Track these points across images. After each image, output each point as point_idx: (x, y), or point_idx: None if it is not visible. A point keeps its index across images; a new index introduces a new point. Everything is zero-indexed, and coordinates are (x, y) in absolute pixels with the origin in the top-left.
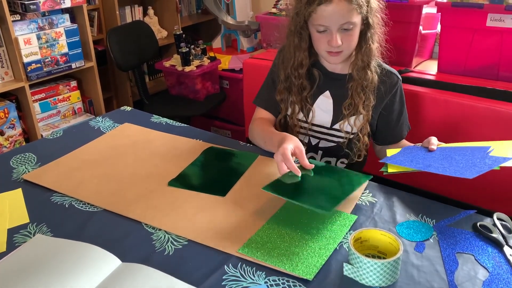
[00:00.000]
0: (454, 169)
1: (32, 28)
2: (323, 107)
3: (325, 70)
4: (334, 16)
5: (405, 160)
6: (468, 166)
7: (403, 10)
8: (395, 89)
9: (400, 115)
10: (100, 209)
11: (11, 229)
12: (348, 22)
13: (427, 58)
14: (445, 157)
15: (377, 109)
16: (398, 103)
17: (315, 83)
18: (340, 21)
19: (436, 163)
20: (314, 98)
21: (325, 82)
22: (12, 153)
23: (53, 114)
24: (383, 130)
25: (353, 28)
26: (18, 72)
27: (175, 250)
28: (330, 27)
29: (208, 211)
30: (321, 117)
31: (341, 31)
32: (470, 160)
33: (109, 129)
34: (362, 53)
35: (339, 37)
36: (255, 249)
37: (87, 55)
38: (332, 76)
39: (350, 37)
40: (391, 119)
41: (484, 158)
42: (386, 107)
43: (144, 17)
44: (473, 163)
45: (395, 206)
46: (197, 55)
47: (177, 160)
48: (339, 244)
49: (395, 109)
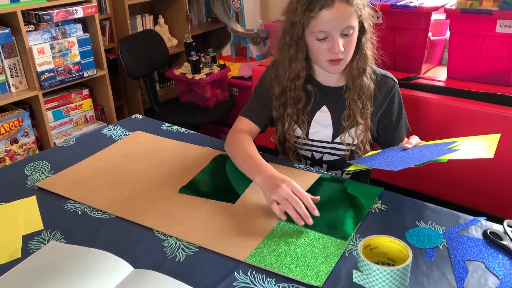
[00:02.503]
0: (390, 163)
1: (46, 38)
2: (321, 123)
3: (320, 85)
4: (336, 20)
5: (367, 160)
6: (409, 160)
7: (412, 17)
8: (392, 93)
9: (399, 118)
10: (113, 216)
11: (26, 236)
12: (349, 26)
13: (436, 65)
14: (409, 154)
15: (376, 115)
16: (396, 107)
17: (311, 98)
18: (342, 25)
19: (396, 160)
20: (312, 115)
21: (321, 97)
22: (26, 161)
23: (65, 122)
24: (384, 135)
25: (353, 33)
26: (32, 81)
27: (186, 256)
28: (332, 33)
29: (218, 218)
30: (321, 132)
31: (342, 37)
32: (419, 154)
33: (121, 137)
34: (357, 60)
35: (343, 43)
36: (263, 257)
37: (99, 64)
38: (327, 90)
39: (350, 42)
40: (390, 124)
41: (433, 151)
42: (385, 113)
43: (155, 26)
44: (418, 156)
45: (404, 213)
46: (207, 63)
47: (187, 167)
48: (348, 250)
49: (394, 113)
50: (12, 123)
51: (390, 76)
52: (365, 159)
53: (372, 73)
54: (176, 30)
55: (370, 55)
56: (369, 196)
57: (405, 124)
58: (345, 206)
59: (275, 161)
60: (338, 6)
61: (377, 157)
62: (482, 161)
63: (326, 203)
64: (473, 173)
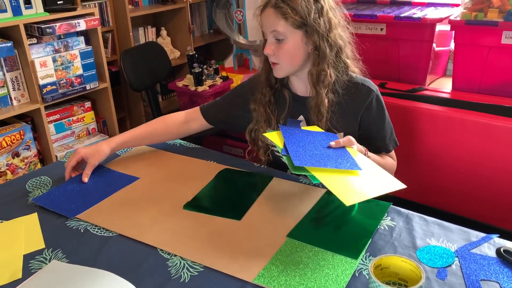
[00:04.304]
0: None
1: (48, 51)
2: None
3: (293, 93)
4: (265, 22)
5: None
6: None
7: (416, 28)
8: (368, 102)
9: (380, 128)
10: (115, 233)
11: (26, 255)
12: (275, 31)
13: (440, 76)
14: (326, 153)
15: (353, 126)
16: (374, 117)
17: (286, 104)
18: (269, 28)
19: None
20: (286, 122)
21: (297, 106)
22: (28, 177)
23: (67, 135)
24: (365, 145)
25: (285, 40)
26: (34, 94)
27: (191, 277)
28: (266, 34)
29: (224, 236)
30: None
31: (274, 41)
32: (329, 157)
33: (124, 151)
34: (309, 74)
35: (271, 46)
36: (271, 278)
37: (101, 76)
38: (298, 99)
39: (281, 48)
40: (368, 134)
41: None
42: (362, 122)
43: (157, 38)
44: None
45: (414, 230)
46: (210, 75)
47: (191, 182)
48: (358, 270)
49: (372, 122)
50: (14, 137)
51: (367, 85)
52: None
53: (342, 82)
54: (179, 42)
55: (328, 74)
56: (377, 212)
57: (390, 136)
58: (353, 223)
59: (283, 176)
60: (268, 10)
61: (298, 144)
62: (492, 174)
63: (333, 220)
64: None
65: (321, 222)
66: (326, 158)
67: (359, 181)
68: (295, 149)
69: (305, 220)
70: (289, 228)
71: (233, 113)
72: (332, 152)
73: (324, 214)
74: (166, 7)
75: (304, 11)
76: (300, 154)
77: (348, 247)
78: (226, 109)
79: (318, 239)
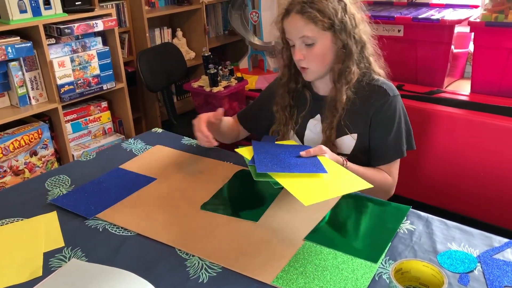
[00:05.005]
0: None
1: (66, 51)
2: (314, 130)
3: (314, 93)
4: (292, 29)
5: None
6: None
7: (435, 30)
8: (380, 104)
9: (385, 135)
10: (134, 233)
11: (46, 253)
12: (304, 36)
13: (458, 78)
14: (294, 161)
15: (364, 126)
16: (383, 121)
17: (306, 105)
18: (297, 34)
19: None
20: (305, 121)
21: (315, 105)
22: (46, 176)
23: (84, 134)
24: (367, 150)
25: (315, 44)
26: (51, 94)
27: (209, 278)
28: (294, 41)
29: (241, 237)
30: (314, 140)
31: (304, 46)
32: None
33: (141, 151)
34: (332, 71)
35: (301, 52)
36: (290, 280)
37: (118, 77)
38: (319, 98)
39: (312, 53)
40: (373, 138)
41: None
42: (372, 124)
43: (173, 39)
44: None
45: (435, 234)
46: (225, 76)
47: (208, 183)
48: (377, 273)
49: (379, 126)
50: (32, 136)
51: (385, 87)
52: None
53: (361, 84)
54: (194, 43)
55: (352, 72)
56: (396, 216)
57: (396, 146)
58: (372, 227)
59: None
60: (293, 16)
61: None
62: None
63: (351, 223)
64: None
65: (339, 225)
66: (292, 166)
67: (320, 183)
68: (261, 159)
69: (323, 223)
70: (306, 231)
71: (260, 114)
72: (300, 160)
73: (342, 217)
74: (182, 8)
75: (332, 12)
76: (265, 162)
77: (367, 250)
78: (254, 109)
79: (337, 242)
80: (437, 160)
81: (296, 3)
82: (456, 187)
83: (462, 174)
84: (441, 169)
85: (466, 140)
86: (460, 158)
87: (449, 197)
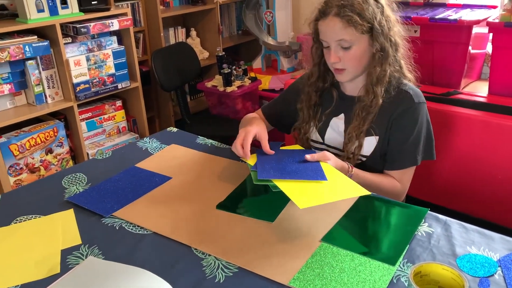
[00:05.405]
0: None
1: (82, 50)
2: (336, 129)
3: (341, 92)
4: (329, 31)
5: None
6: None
7: (452, 30)
8: (403, 109)
9: (405, 140)
10: (150, 231)
11: (64, 250)
12: (342, 40)
13: (475, 79)
14: (296, 167)
15: (384, 129)
16: (402, 127)
17: (332, 103)
18: (334, 37)
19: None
20: (329, 119)
21: (341, 104)
22: (63, 173)
23: (98, 133)
24: (386, 153)
25: (352, 46)
26: (67, 92)
27: (226, 277)
28: (329, 43)
29: (257, 237)
30: (335, 139)
31: (340, 48)
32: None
33: (156, 150)
34: (369, 75)
35: (337, 54)
36: (307, 281)
37: (133, 76)
38: (345, 98)
39: (349, 55)
40: (390, 142)
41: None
42: (392, 128)
43: (187, 39)
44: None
45: (453, 238)
46: (239, 75)
47: (223, 182)
48: (395, 276)
49: (397, 132)
50: (48, 134)
51: (411, 93)
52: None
53: (390, 88)
54: (208, 43)
55: (385, 73)
56: (414, 218)
57: (411, 153)
58: (390, 229)
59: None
60: (330, 18)
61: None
62: None
63: (368, 225)
64: None
65: (356, 227)
66: (293, 172)
67: (318, 188)
68: (263, 166)
69: (340, 224)
70: (323, 232)
71: (284, 111)
72: (302, 166)
73: (359, 219)
74: (197, 8)
75: (371, 16)
76: (266, 169)
77: (385, 252)
78: (279, 105)
79: (354, 244)
80: (453, 162)
81: (334, 6)
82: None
83: (479, 177)
84: (458, 171)
85: (483, 142)
86: (477, 160)
87: (467, 200)
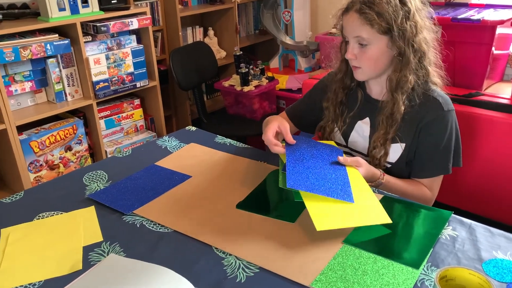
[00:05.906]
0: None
1: (102, 49)
2: (361, 133)
3: (367, 94)
4: (348, 26)
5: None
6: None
7: (475, 30)
8: (431, 118)
9: (435, 149)
10: (171, 230)
11: (86, 247)
12: (359, 37)
13: (497, 81)
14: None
15: (411, 138)
16: (434, 135)
17: (356, 104)
18: (352, 33)
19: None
20: (353, 123)
21: (366, 107)
22: (84, 171)
23: (116, 131)
24: (414, 160)
25: (369, 45)
26: (87, 90)
27: (247, 277)
28: (348, 38)
29: (278, 238)
30: (359, 143)
31: (358, 46)
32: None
33: (175, 148)
34: (389, 79)
35: (353, 51)
36: (329, 283)
37: (151, 75)
38: (370, 100)
39: (365, 54)
40: (419, 149)
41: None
42: (420, 136)
43: (204, 38)
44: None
45: (479, 242)
46: (256, 75)
47: (243, 182)
48: (419, 280)
49: (425, 141)
50: (67, 131)
51: (440, 101)
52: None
53: (414, 95)
54: (225, 42)
55: (408, 80)
56: (437, 221)
57: (441, 161)
58: (413, 232)
59: None
60: (351, 14)
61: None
62: None
63: (391, 227)
64: None
65: (379, 229)
66: (321, 183)
67: (342, 209)
68: (292, 170)
69: (362, 226)
70: (345, 234)
71: (308, 110)
72: (330, 174)
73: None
74: (215, 7)
75: (391, 16)
76: (295, 176)
77: (409, 256)
78: (304, 104)
79: (377, 247)
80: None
81: (357, 2)
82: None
83: (502, 180)
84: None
85: (507, 145)
86: (500, 163)
87: (491, 205)
